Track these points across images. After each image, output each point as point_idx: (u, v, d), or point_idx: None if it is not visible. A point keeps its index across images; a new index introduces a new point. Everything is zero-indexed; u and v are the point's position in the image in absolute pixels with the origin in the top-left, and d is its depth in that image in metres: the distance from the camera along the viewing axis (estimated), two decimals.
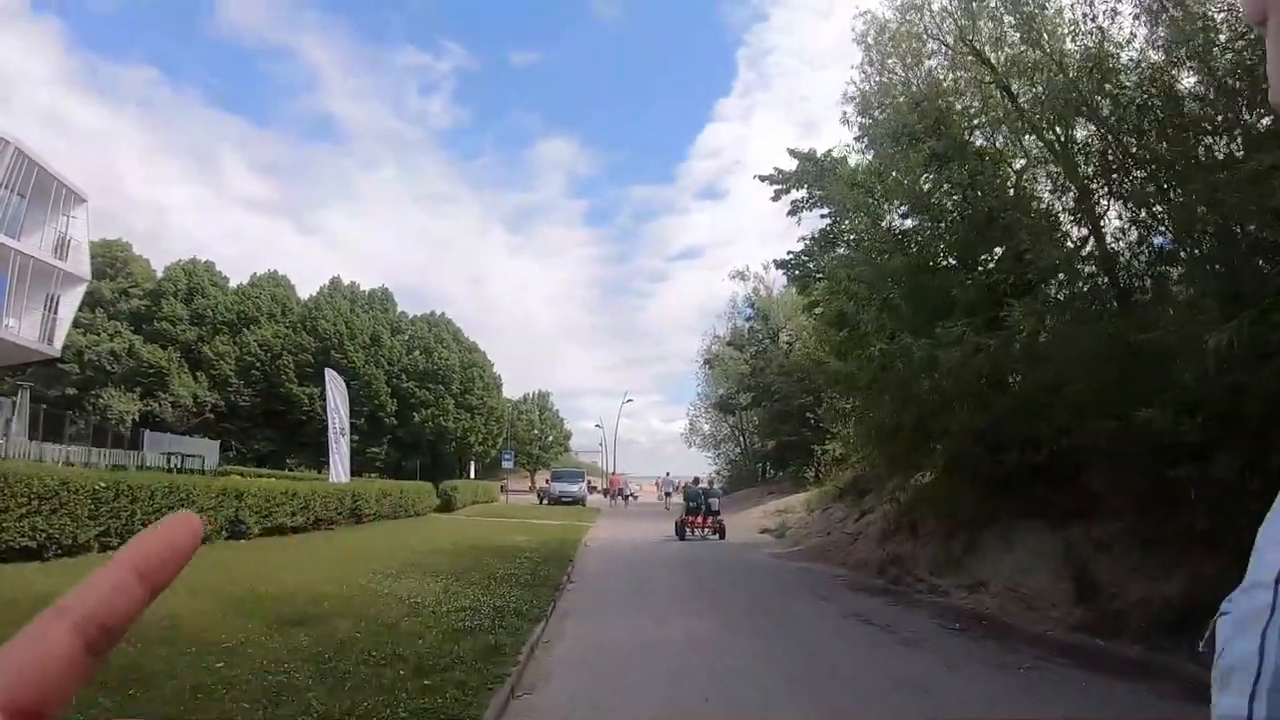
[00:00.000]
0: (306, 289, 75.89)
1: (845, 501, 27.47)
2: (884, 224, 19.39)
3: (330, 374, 36.30)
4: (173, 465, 41.46)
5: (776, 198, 22.40)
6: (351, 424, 65.28)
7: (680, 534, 29.68)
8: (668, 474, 62.25)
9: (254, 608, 10.68)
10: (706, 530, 29.95)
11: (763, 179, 22.72)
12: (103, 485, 14.43)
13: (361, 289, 77.14)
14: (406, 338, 74.58)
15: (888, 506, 21.96)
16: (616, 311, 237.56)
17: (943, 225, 17.40)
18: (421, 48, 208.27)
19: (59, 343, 39.38)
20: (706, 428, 72.08)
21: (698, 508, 30.74)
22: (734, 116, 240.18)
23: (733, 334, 57.17)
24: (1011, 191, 16.67)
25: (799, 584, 17.69)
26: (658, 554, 24.22)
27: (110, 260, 68.52)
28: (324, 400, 44.66)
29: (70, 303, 40.00)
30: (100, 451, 39.87)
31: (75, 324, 58.88)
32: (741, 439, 67.91)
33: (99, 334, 65.36)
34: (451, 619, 10.85)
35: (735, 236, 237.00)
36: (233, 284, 73.66)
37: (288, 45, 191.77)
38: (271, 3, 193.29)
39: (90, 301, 60.96)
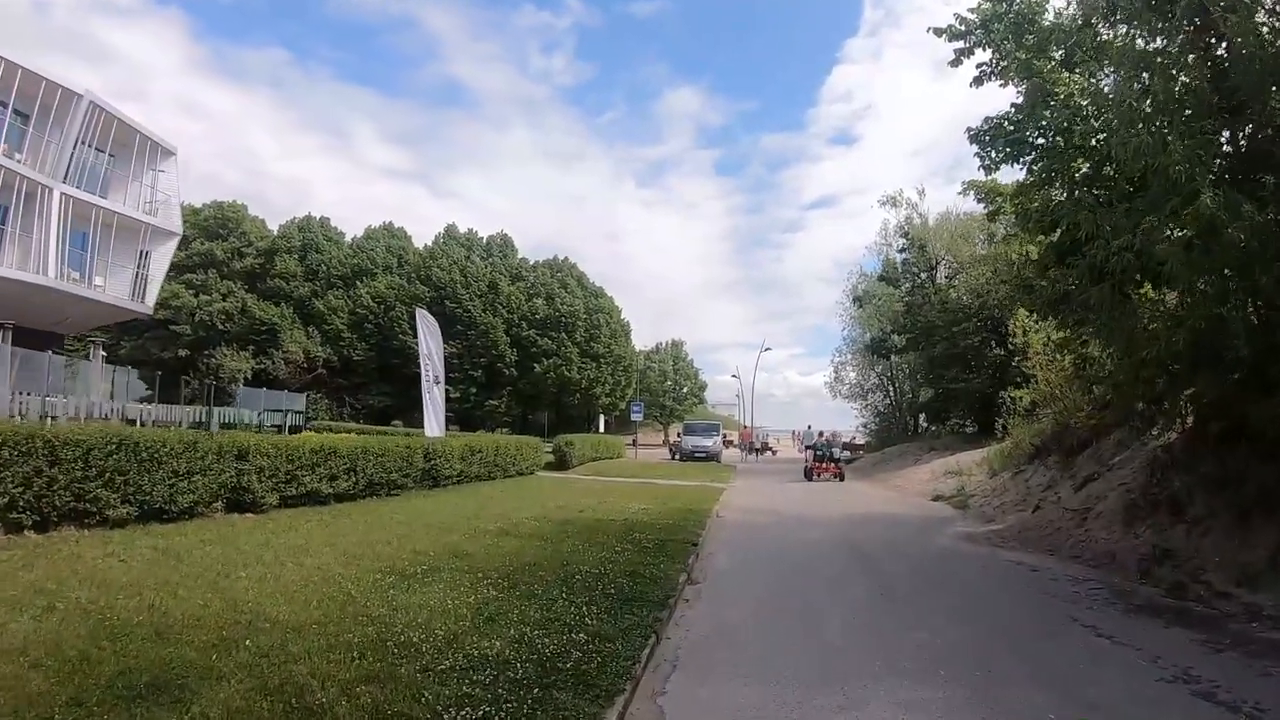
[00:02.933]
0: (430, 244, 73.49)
1: (1046, 463, 21.55)
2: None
3: (421, 314, 31.63)
4: (260, 423, 38.53)
5: (957, 61, 16.69)
6: (469, 375, 66.28)
7: (808, 477, 36.57)
8: (809, 426, 56.66)
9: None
10: (828, 475, 36.31)
11: (938, 32, 17.02)
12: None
13: (479, 235, 74.19)
14: (527, 284, 70.99)
15: (1130, 474, 16.12)
16: (752, 264, 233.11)
17: None
18: (540, 5, 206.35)
19: (151, 299, 38.76)
20: (853, 376, 65.32)
21: (822, 456, 37.69)
22: (863, 57, 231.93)
23: (884, 267, 50.96)
24: None
25: (1038, 598, 11.46)
26: (812, 534, 18.03)
27: (223, 221, 68.94)
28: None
29: (162, 258, 39.35)
30: (191, 410, 37.25)
31: (188, 285, 64.64)
32: (891, 388, 61.82)
33: (211, 294, 65.44)
34: (447, 690, 6.08)
35: (869, 184, 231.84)
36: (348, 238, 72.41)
37: (409, 15, 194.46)
38: None
39: (203, 263, 65.45)
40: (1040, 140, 15.79)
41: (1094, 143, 14.18)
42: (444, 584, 9.88)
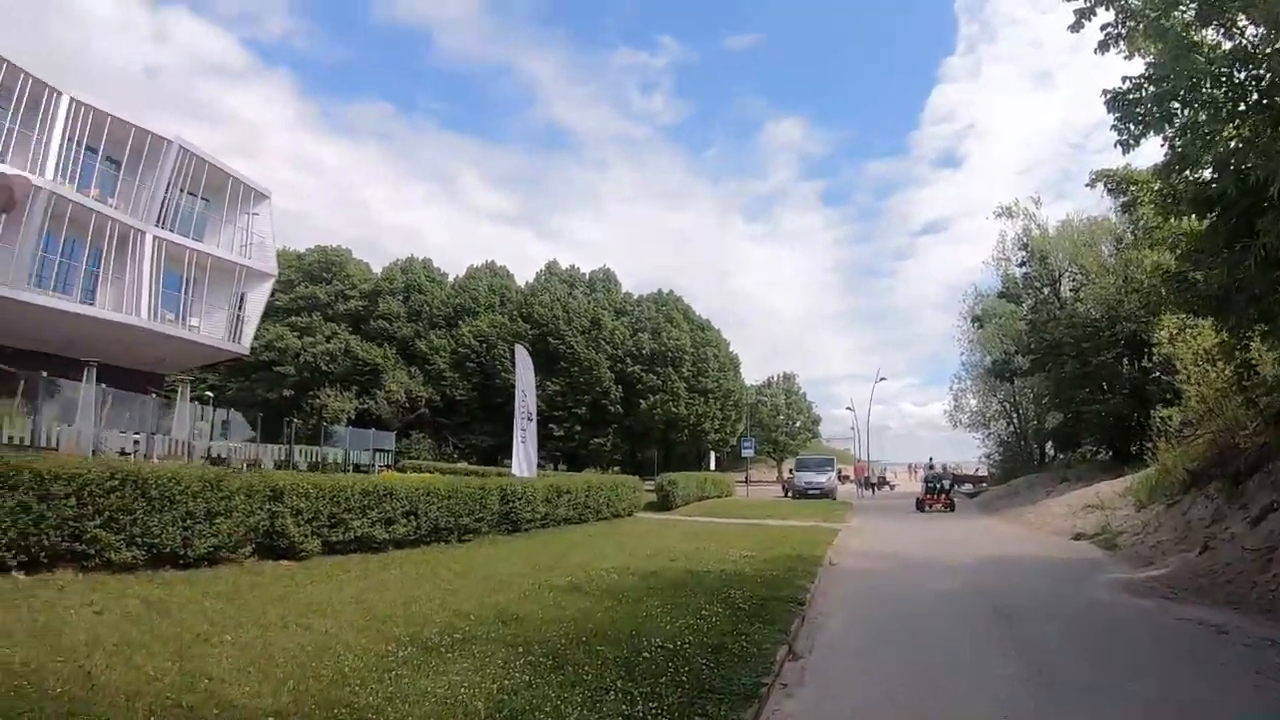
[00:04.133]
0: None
1: (1206, 491, 18.56)
2: None
3: (519, 350, 30.76)
4: (346, 461, 37.52)
5: (1077, 25, 14.18)
6: (573, 413, 64.95)
7: (920, 508, 38.00)
8: (930, 459, 54.27)
9: None
10: (940, 506, 37.93)
11: None
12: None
13: (581, 271, 72.88)
14: (631, 319, 69.23)
15: None
16: (863, 294, 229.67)
17: None
18: (637, 46, 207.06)
19: (247, 340, 39.80)
20: (973, 403, 63.18)
21: (934, 489, 39.15)
22: (962, 75, 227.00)
23: (1004, 283, 47.24)
24: None
25: (1243, 676, 8.54)
26: (940, 584, 15.14)
27: (326, 265, 69.96)
28: (543, 390, 41.66)
29: (258, 300, 40.14)
30: (279, 448, 35.41)
31: (292, 327, 66.75)
32: (1015, 415, 59.13)
33: (315, 336, 66.25)
34: None
35: (977, 207, 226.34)
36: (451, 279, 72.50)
37: (507, 62, 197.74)
38: (485, 26, 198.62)
39: (307, 305, 66.77)
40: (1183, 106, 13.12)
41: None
42: (470, 662, 7.93)
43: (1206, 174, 13.14)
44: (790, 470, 57.44)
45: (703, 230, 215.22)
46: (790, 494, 49.96)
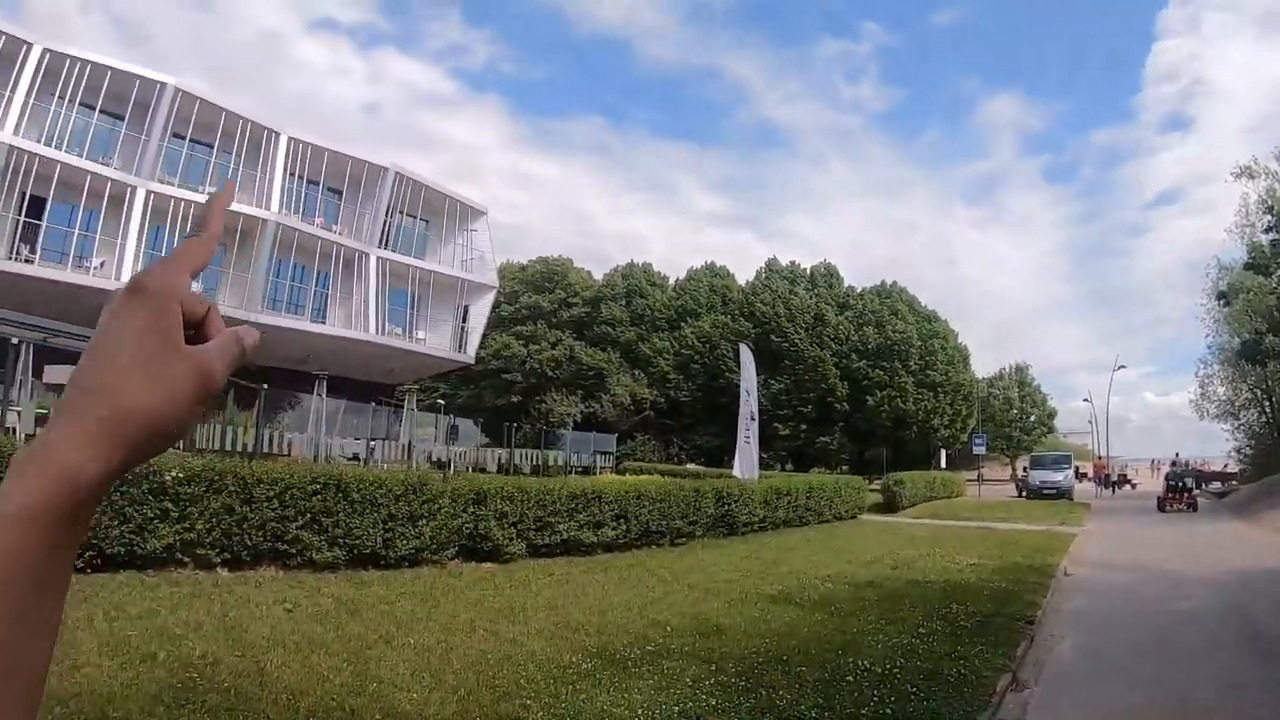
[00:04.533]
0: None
1: None
2: None
3: (743, 349, 31.13)
4: (568, 463, 38.55)
5: None
6: (799, 411, 64.35)
7: (1161, 508, 35.75)
8: (1176, 455, 51.89)
9: None
10: (1182, 506, 35.66)
11: None
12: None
13: (802, 267, 71.83)
14: (855, 313, 67.57)
15: None
16: (1094, 276, 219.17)
17: None
18: (838, 35, 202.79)
19: (472, 349, 41.80)
20: (1221, 391, 58.40)
21: (1176, 486, 37.01)
22: (1179, 29, 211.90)
23: (1250, 252, 41.93)
24: None
25: None
26: (1188, 604, 13.22)
27: (548, 275, 71.69)
28: (766, 388, 41.28)
29: (480, 311, 42.03)
30: (503, 451, 36.64)
31: (517, 336, 68.71)
32: (1268, 403, 53.84)
33: (540, 343, 67.81)
34: None
35: (1213, 173, 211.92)
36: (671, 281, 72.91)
37: (712, 66, 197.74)
38: (685, 31, 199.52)
39: (531, 315, 68.85)
40: None
41: None
42: (657, 679, 7.41)
43: None
44: (1024, 468, 54.98)
45: (923, 219, 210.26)
46: (1024, 493, 47.73)
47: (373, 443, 29.70)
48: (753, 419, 28.02)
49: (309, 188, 34.26)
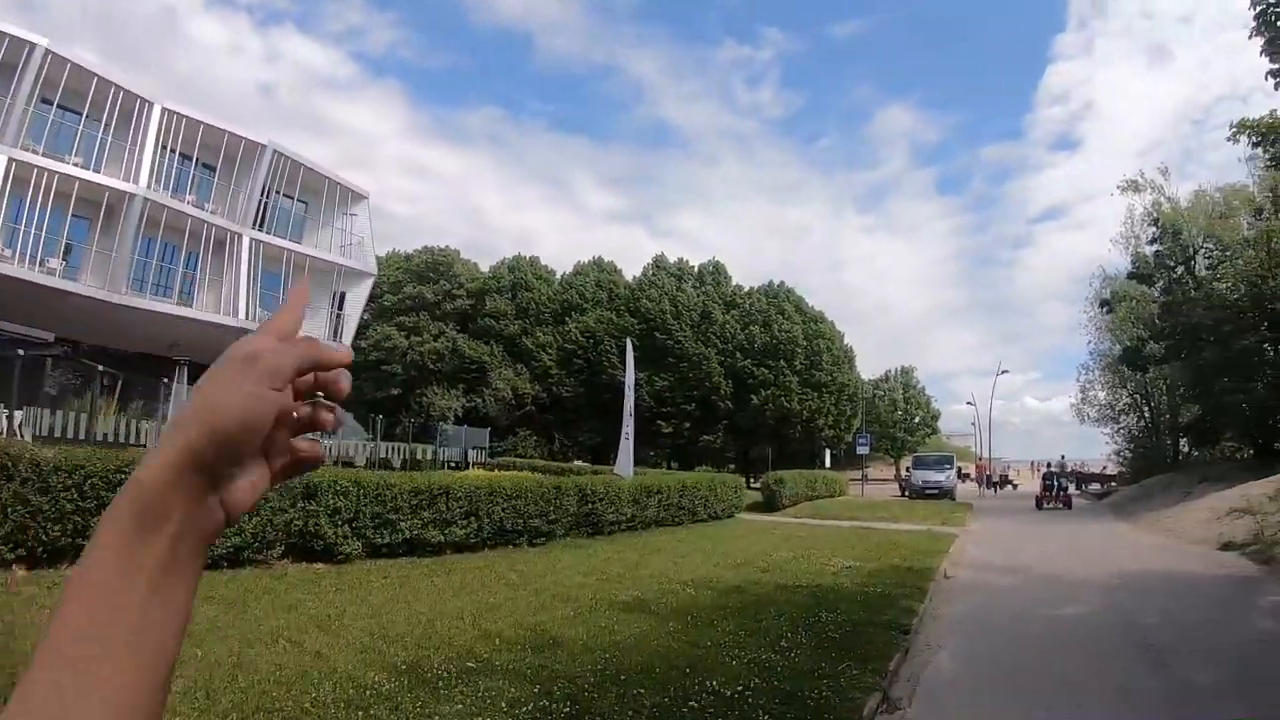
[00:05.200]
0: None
1: None
2: None
3: (630, 345, 30.97)
4: (435, 458, 37.88)
5: None
6: (682, 409, 63.77)
7: (1038, 506, 38.13)
8: (1062, 457, 51.91)
9: None
10: (1058, 504, 38.17)
11: None
12: None
13: (690, 265, 71.72)
14: (742, 311, 67.36)
15: None
16: (981, 285, 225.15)
17: None
18: (740, 39, 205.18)
19: (348, 338, 39.82)
20: (1102, 396, 60.24)
21: (1051, 487, 39.37)
22: (1074, 53, 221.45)
23: (1134, 262, 43.53)
24: None
25: None
26: (1074, 609, 12.61)
27: (434, 265, 70.45)
28: (650, 385, 40.76)
29: (357, 298, 40.70)
30: (376, 445, 36.00)
31: (400, 327, 67.53)
32: (1147, 408, 55.92)
33: (422, 335, 66.85)
34: None
35: (1097, 190, 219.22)
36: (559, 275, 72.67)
37: (612, 63, 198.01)
38: (586, 26, 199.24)
39: (414, 305, 67.69)
40: None
41: None
42: (465, 704, 6.40)
43: None
44: (907, 468, 55.34)
45: (815, 223, 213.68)
46: (907, 493, 47.84)
47: None
48: (630, 415, 27.05)
49: (182, 162, 32.49)
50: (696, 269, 71.17)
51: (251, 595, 9.90)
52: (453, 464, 36.73)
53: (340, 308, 39.17)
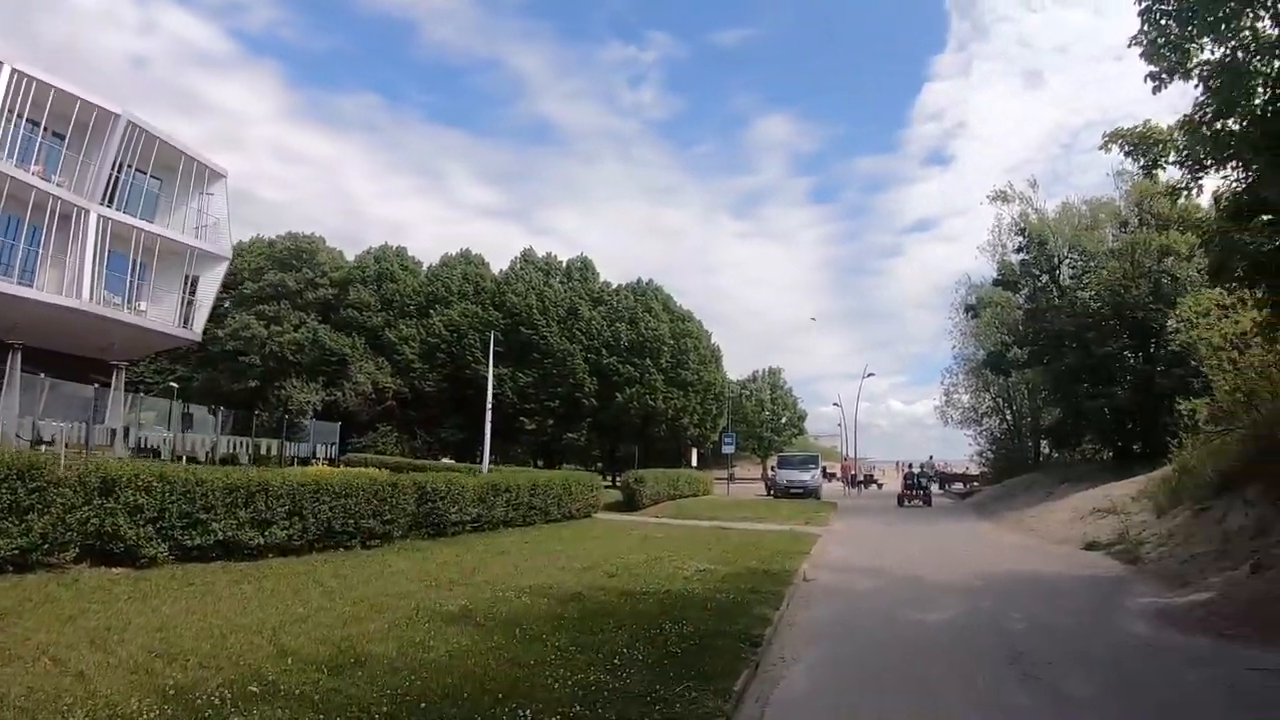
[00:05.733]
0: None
1: (1245, 496, 15.75)
2: None
3: (494, 339, 28.29)
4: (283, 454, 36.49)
5: None
6: (546, 406, 62.78)
7: (900, 503, 40.74)
8: (930, 457, 57.54)
9: None
10: (918, 501, 40.75)
11: None
12: None
13: (558, 260, 71.12)
14: (609, 308, 66.71)
15: None
16: (851, 293, 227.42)
17: None
18: (626, 40, 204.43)
19: (199, 325, 37.95)
20: (966, 399, 61.24)
21: (913, 486, 42.32)
22: (952, 73, 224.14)
23: (1000, 269, 44.03)
24: None
25: None
26: (937, 614, 12.01)
27: (297, 252, 67.98)
28: (514, 381, 40.08)
29: (210, 284, 38.19)
30: (225, 440, 34.88)
31: (259, 316, 64.58)
32: (1009, 411, 57.43)
33: (283, 325, 64.36)
34: None
35: (966, 205, 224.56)
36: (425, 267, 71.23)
37: (495, 56, 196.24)
38: (472, 18, 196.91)
39: (275, 294, 64.98)
40: None
41: None
42: None
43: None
44: (772, 467, 55.08)
45: (690, 227, 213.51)
46: (772, 492, 47.33)
47: (62, 425, 26.67)
48: (488, 410, 26.17)
49: (30, 129, 29.80)
50: (565, 264, 70.44)
51: (29, 605, 8.82)
52: (301, 460, 35.16)
53: (192, 292, 36.86)
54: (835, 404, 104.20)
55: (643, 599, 11.31)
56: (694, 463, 53.66)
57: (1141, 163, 16.52)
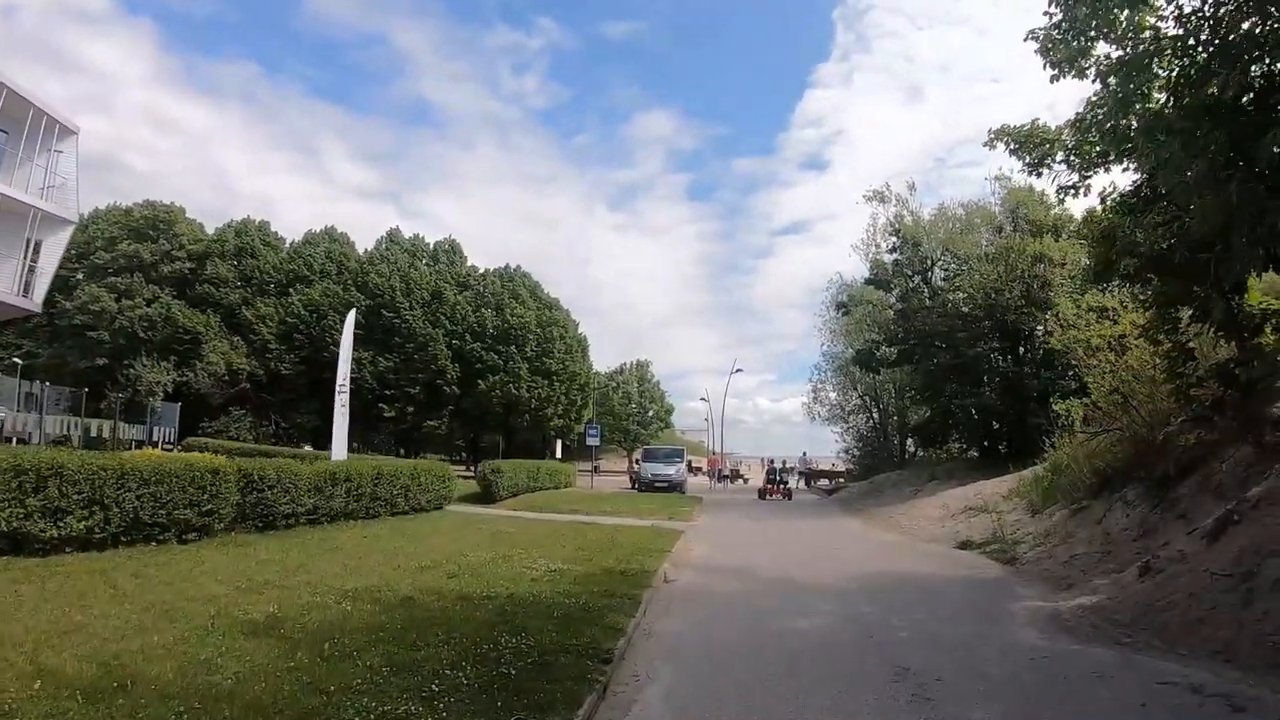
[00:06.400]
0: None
1: (1125, 496, 15.25)
2: None
3: (350, 317, 28.28)
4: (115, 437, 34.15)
5: None
6: (406, 392, 61.12)
7: (761, 496, 42.35)
8: (804, 453, 59.32)
9: None
10: (779, 495, 42.30)
11: None
12: None
13: (425, 241, 69.81)
14: (475, 293, 65.69)
15: None
16: (723, 290, 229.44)
17: None
18: (514, 26, 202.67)
19: (39, 295, 34.49)
20: (833, 396, 61.55)
21: (774, 481, 44.33)
22: (834, 82, 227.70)
23: (872, 268, 44.41)
24: None
25: None
26: (808, 620, 10.81)
27: (154, 222, 64.23)
28: (374, 366, 38.52)
29: (55, 249, 34.94)
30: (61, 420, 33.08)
31: (110, 289, 60.81)
32: (875, 409, 57.75)
33: (135, 299, 60.67)
34: None
35: (839, 210, 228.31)
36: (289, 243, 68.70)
37: (379, 32, 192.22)
38: None
39: (129, 265, 61.10)
40: None
41: None
42: None
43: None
44: (637, 460, 54.44)
45: (567, 217, 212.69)
46: (637, 486, 46.40)
47: None
48: (340, 390, 25.06)
49: None
50: (432, 246, 69.09)
51: None
52: (138, 445, 32.42)
53: (34, 258, 33.78)
54: (703, 399, 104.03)
55: (481, 605, 9.97)
56: (558, 454, 52.72)
57: (1027, 160, 16.03)
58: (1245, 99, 9.86)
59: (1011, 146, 16.27)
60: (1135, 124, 11.44)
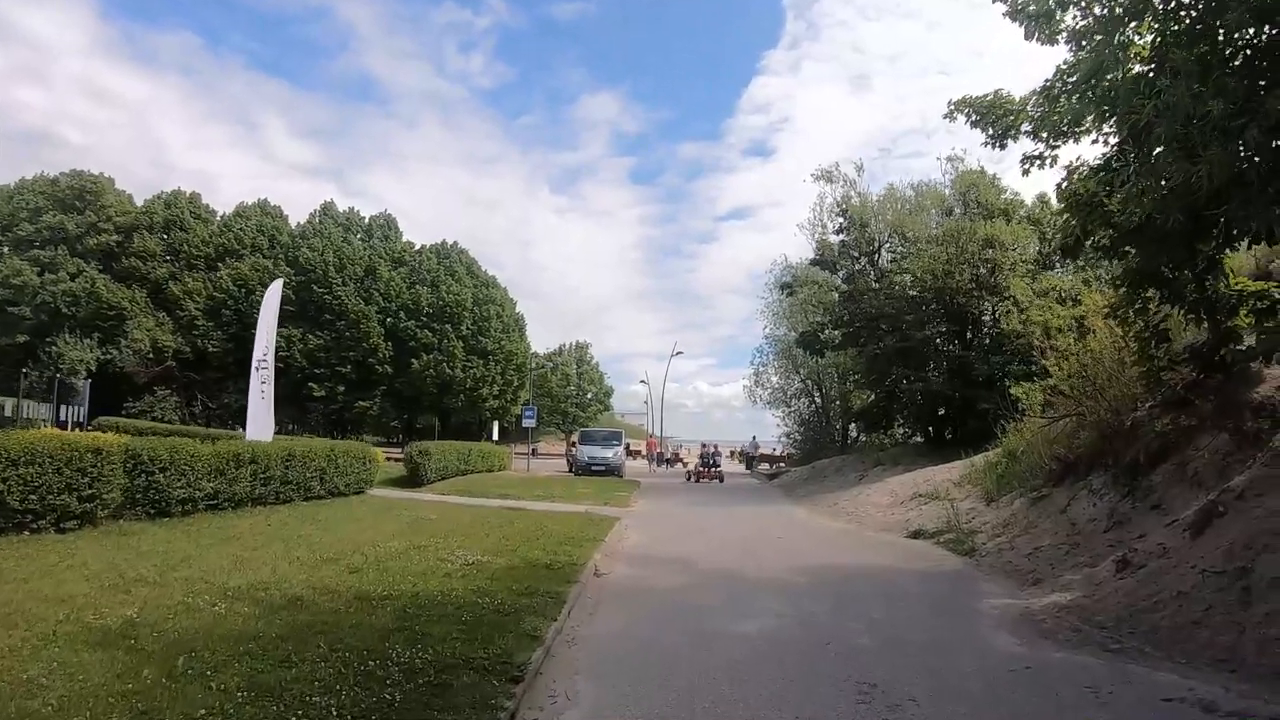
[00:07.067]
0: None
1: (1090, 484, 14.32)
2: None
3: (275, 288, 27.56)
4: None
5: None
6: (337, 371, 59.54)
7: (695, 479, 43.00)
8: (753, 438, 59.13)
9: None
10: (711, 479, 42.23)
11: None
12: None
13: (361, 216, 68.31)
14: (410, 270, 64.45)
15: None
16: (665, 274, 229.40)
17: None
18: (461, 3, 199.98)
19: None
20: (775, 380, 60.84)
21: (707, 465, 44.51)
22: (782, 70, 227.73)
23: (818, 249, 43.12)
24: None
25: None
26: (755, 623, 9.56)
27: (80, 193, 62.08)
28: (304, 344, 37.03)
29: None
30: None
31: (33, 262, 59.10)
32: (818, 393, 57.19)
33: (58, 273, 58.99)
34: None
35: (784, 198, 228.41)
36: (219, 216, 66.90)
37: (323, 4, 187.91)
38: None
39: (53, 238, 59.26)
40: None
41: None
42: None
43: None
44: (573, 443, 53.26)
45: (510, 198, 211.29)
46: (573, 469, 45.18)
47: None
48: (259, 368, 24.00)
49: None
50: (367, 221, 67.81)
51: None
52: (43, 423, 30.67)
53: None
54: (643, 382, 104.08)
55: (380, 606, 8.67)
56: (495, 436, 51.74)
57: (990, 132, 15.10)
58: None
59: (973, 118, 15.34)
60: (1120, 78, 10.52)
